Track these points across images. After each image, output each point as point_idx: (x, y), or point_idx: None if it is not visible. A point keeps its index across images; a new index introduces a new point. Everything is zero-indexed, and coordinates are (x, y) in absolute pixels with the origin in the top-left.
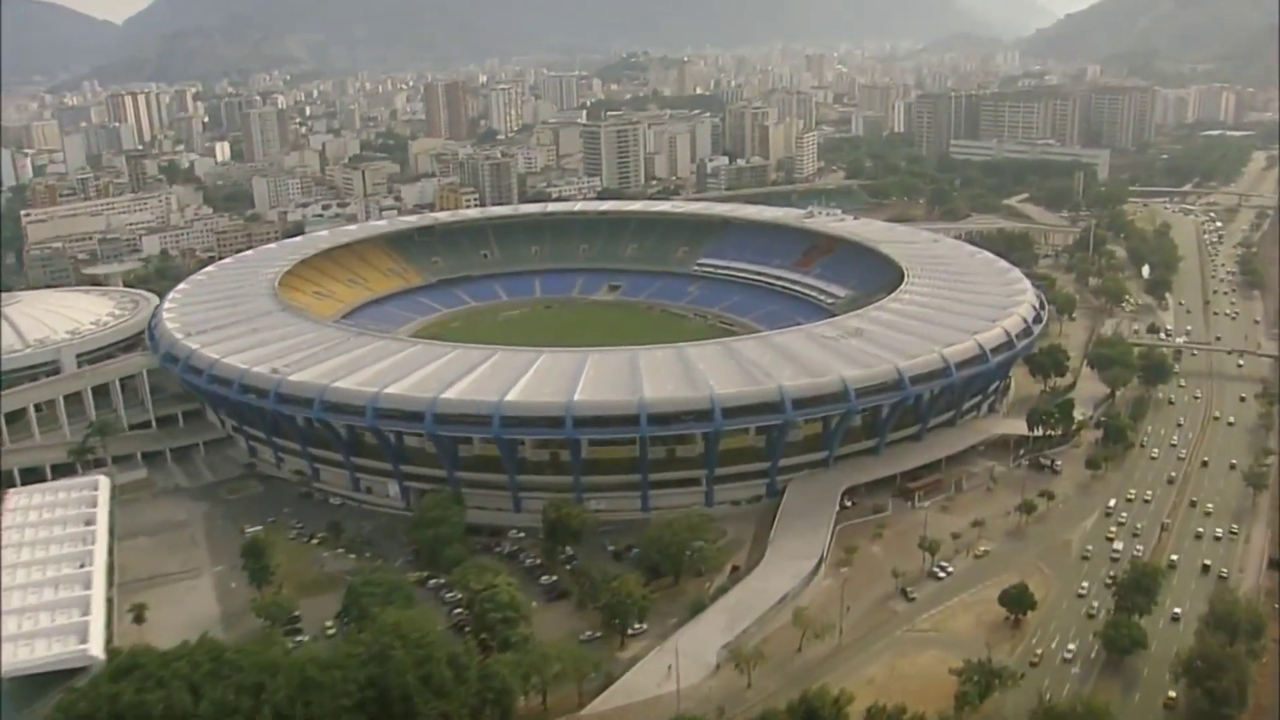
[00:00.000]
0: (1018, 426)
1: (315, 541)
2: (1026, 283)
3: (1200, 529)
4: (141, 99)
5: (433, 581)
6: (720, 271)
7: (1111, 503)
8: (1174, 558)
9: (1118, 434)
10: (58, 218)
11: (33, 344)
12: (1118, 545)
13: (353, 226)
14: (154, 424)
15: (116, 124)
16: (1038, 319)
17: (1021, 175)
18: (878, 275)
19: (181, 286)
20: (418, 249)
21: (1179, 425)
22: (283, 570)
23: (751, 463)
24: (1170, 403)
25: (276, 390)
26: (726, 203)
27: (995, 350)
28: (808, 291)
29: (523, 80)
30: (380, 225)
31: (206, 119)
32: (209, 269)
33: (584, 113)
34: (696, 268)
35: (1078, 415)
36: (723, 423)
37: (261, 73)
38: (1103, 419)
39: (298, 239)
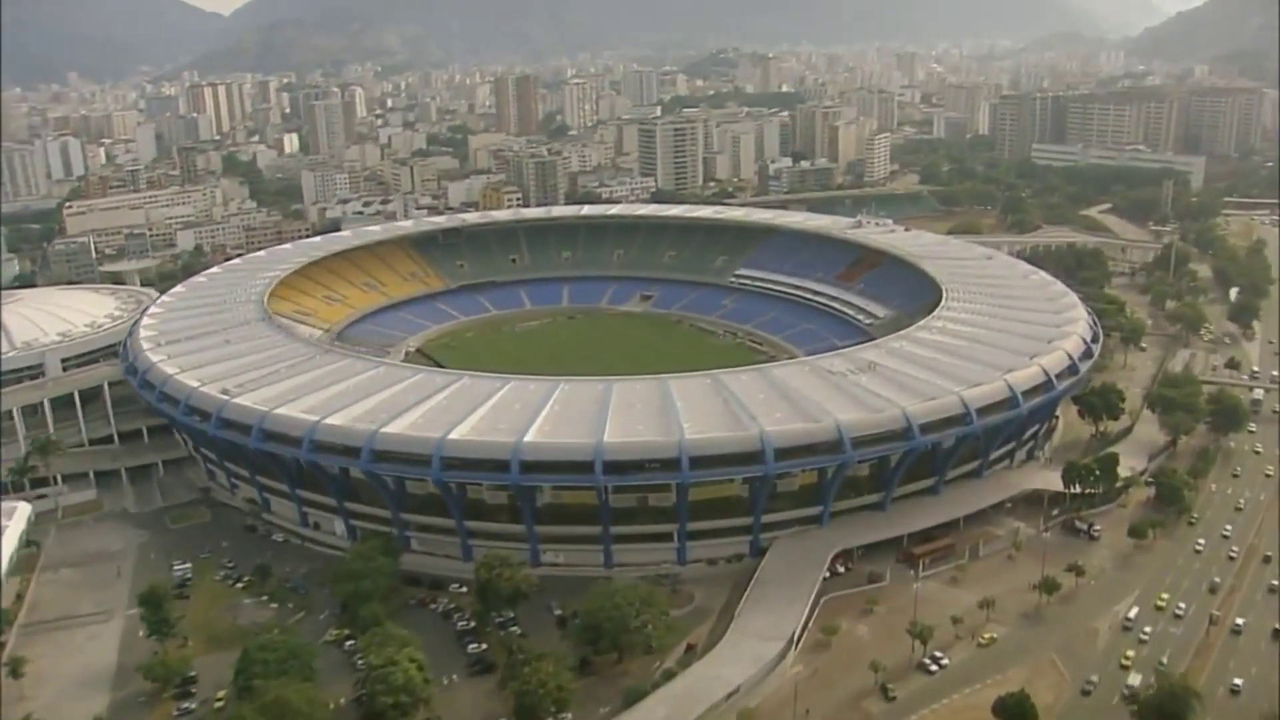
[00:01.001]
0: (1054, 481)
1: (240, 585)
2: (1081, 309)
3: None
4: (221, 90)
5: (350, 643)
6: (758, 284)
7: (1152, 584)
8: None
9: (1172, 495)
10: (97, 210)
11: (19, 347)
12: (1147, 644)
13: (376, 228)
14: (116, 439)
15: (195, 115)
16: (1087, 354)
17: (1105, 184)
18: (921, 294)
19: (177, 289)
20: (443, 252)
21: (1249, 486)
22: (193, 619)
23: (732, 517)
24: (1246, 455)
25: (219, 413)
26: (778, 209)
27: (1029, 392)
28: (847, 310)
29: (604, 75)
30: (404, 226)
31: (287, 110)
32: (213, 270)
33: (658, 109)
34: (734, 279)
35: (1126, 469)
36: (690, 474)
37: (355, 64)
38: (1155, 476)
39: (316, 239)
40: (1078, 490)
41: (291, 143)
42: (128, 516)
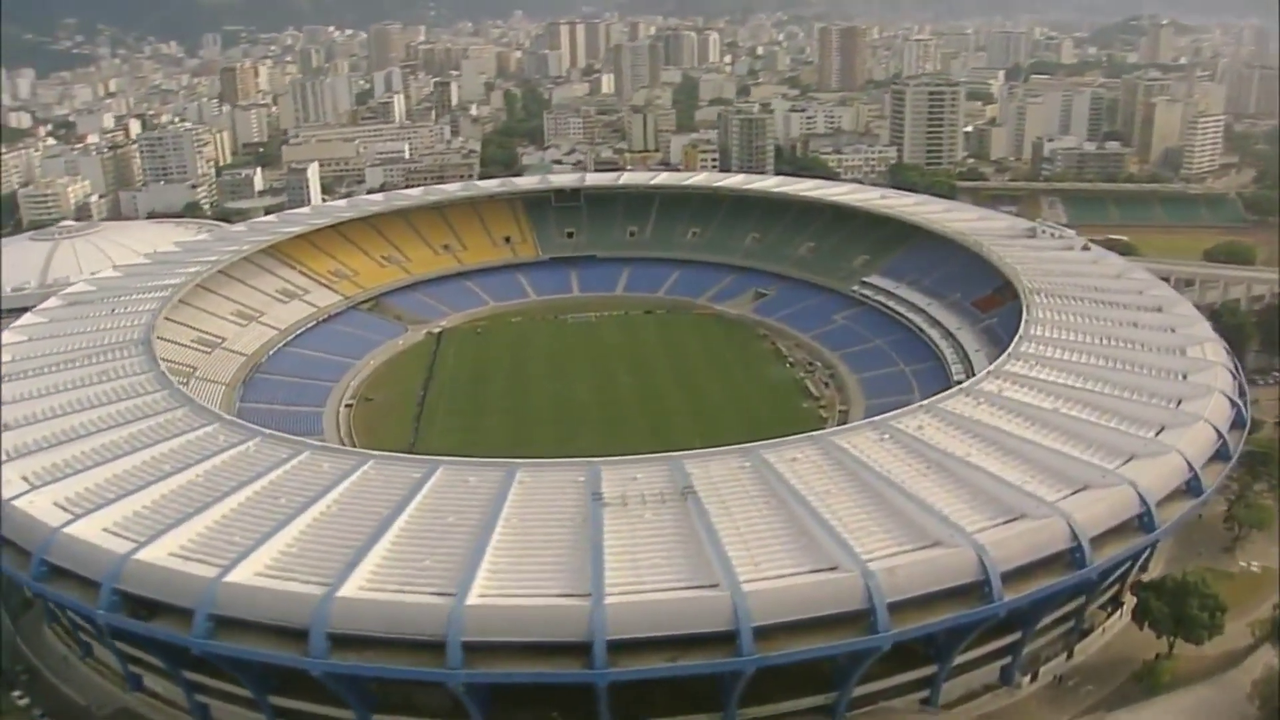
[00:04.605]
0: None
1: None
2: (1221, 389)
3: None
4: (580, 28)
5: None
6: (884, 299)
7: None
8: None
9: None
10: (315, 141)
11: None
12: None
13: (454, 186)
14: None
15: (545, 52)
16: (1187, 488)
17: None
18: None
19: (139, 261)
20: (556, 216)
21: None
22: None
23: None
24: None
25: None
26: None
27: (1061, 569)
28: (951, 352)
29: (970, 35)
30: (524, 182)
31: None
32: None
33: (1002, 73)
34: (859, 287)
35: None
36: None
37: (765, 13)
38: None
39: (376, 196)
40: None
41: (608, 83)
42: None
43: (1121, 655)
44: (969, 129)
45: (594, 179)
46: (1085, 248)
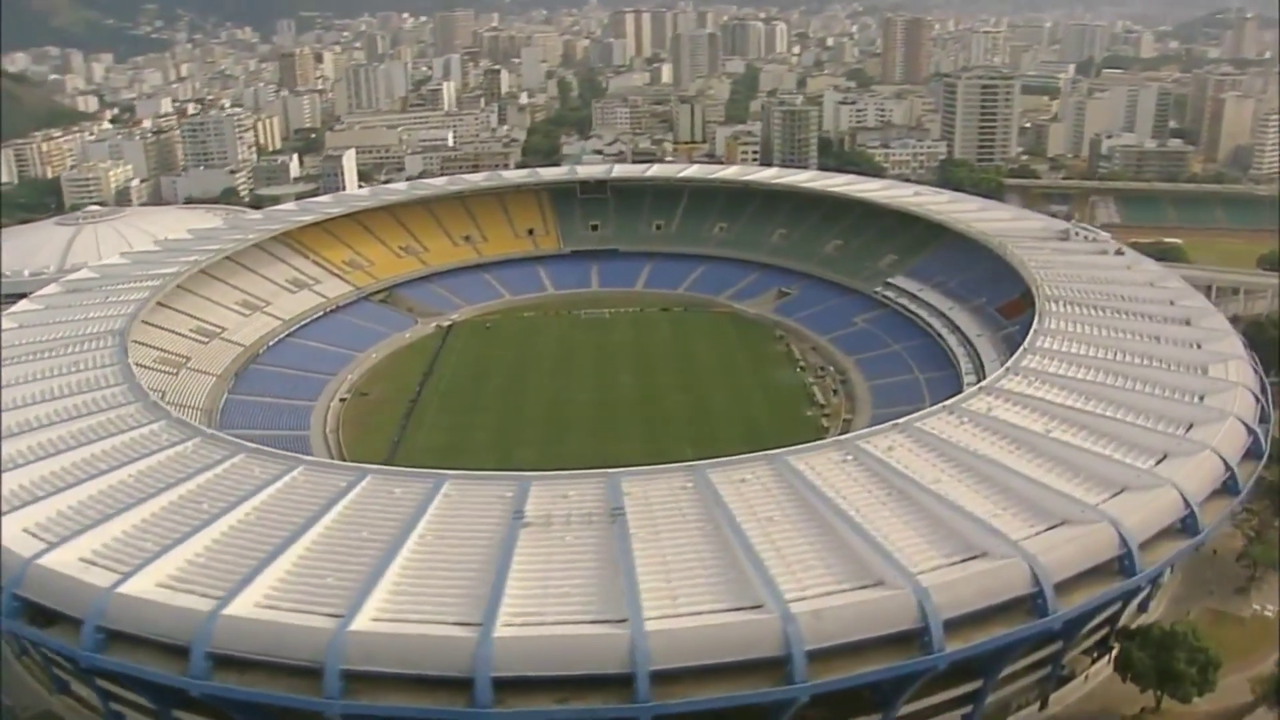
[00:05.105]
0: None
1: None
2: (1238, 414)
3: None
4: (646, 17)
5: None
6: (906, 302)
7: None
8: None
9: None
10: (358, 128)
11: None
12: None
13: (478, 176)
14: None
15: (611, 40)
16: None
17: None
18: None
19: (147, 248)
20: (581, 207)
21: None
22: None
23: None
24: None
25: None
26: (1048, 194)
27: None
28: (967, 360)
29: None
30: (552, 173)
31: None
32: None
33: (1072, 67)
34: (883, 289)
35: None
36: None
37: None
38: None
39: (398, 185)
40: None
41: (668, 73)
42: None
43: (1103, 707)
44: (1028, 124)
45: (621, 170)
46: (1119, 252)
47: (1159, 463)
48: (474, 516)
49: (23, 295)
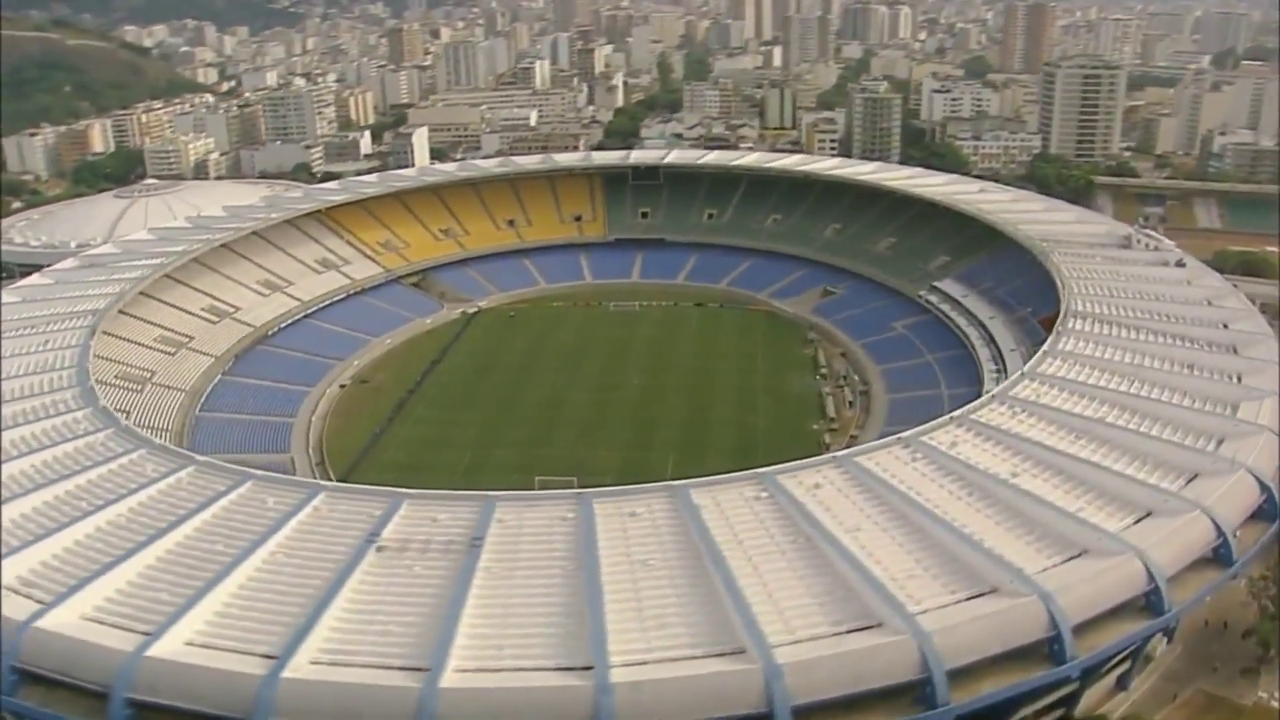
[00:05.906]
0: None
1: None
2: (1252, 469)
3: None
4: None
5: None
6: (948, 308)
7: None
8: None
9: None
10: (442, 106)
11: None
12: None
13: (533, 158)
14: None
15: (729, 21)
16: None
17: None
18: None
19: (176, 224)
20: (633, 194)
21: None
22: None
23: None
24: None
25: None
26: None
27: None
28: (993, 378)
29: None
30: (605, 157)
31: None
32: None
33: (1207, 58)
34: (927, 292)
35: None
36: None
37: None
38: None
39: (448, 166)
40: None
41: (780, 56)
42: None
43: None
44: (1148, 117)
45: (676, 156)
46: (1180, 263)
47: (1139, 521)
48: (332, 536)
49: (37, 268)
